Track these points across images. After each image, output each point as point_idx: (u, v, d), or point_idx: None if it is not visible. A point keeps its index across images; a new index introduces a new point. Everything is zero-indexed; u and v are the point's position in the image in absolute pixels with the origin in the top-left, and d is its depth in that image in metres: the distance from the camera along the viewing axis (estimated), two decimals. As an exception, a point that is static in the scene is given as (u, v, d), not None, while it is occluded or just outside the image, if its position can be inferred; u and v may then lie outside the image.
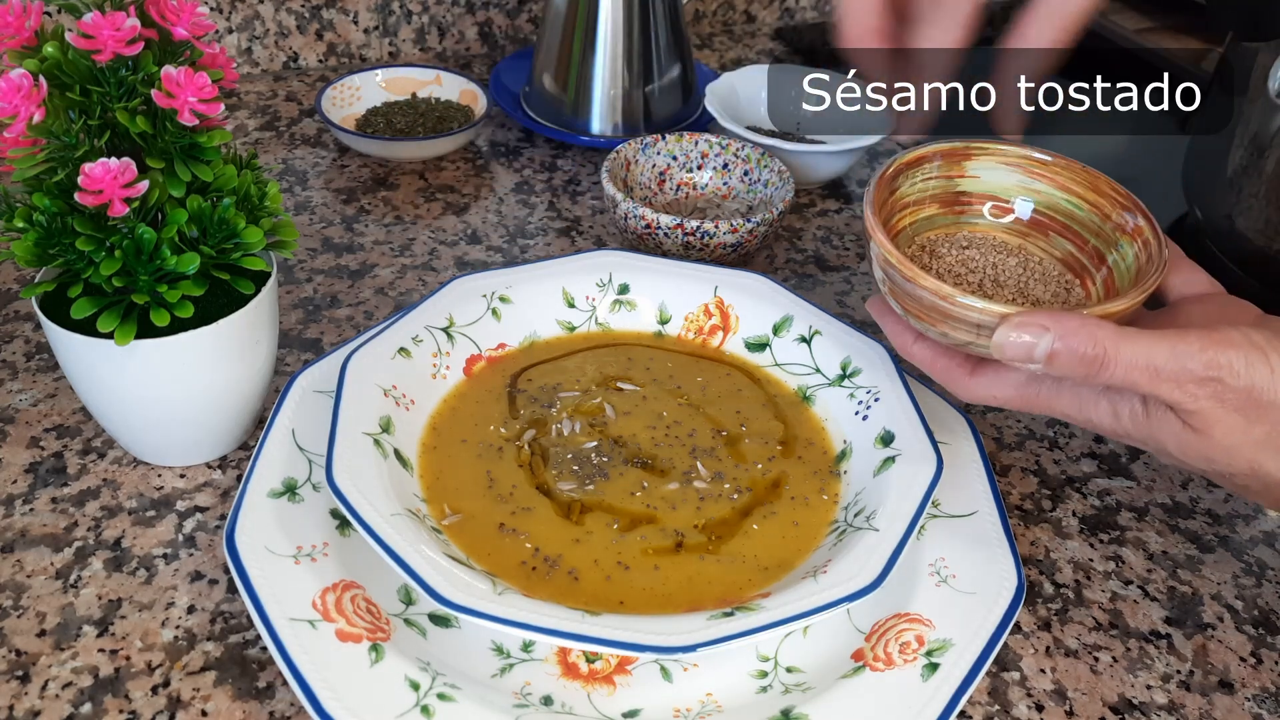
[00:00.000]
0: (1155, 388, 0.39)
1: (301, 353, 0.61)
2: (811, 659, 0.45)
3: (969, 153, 0.52)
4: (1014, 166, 0.52)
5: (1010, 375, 0.44)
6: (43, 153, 0.43)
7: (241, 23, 0.87)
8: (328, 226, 0.72)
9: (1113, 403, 0.42)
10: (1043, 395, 0.44)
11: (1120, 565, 0.52)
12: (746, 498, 0.50)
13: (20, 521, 0.50)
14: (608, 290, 0.59)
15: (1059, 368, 0.40)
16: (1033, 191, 0.52)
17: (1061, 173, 0.51)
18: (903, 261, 0.44)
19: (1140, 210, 0.48)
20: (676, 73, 0.81)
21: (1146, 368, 0.39)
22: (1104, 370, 0.40)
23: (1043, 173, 0.51)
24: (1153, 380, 0.39)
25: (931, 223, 0.52)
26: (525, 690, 0.43)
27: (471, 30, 0.95)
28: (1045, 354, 0.40)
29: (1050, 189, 0.51)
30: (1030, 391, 0.44)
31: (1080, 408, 0.43)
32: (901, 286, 0.44)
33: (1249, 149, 0.66)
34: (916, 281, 0.43)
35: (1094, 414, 0.43)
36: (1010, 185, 0.52)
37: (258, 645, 0.45)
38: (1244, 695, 0.46)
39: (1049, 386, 0.44)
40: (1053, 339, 0.40)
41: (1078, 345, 0.40)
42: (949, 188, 0.52)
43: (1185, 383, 0.39)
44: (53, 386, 0.57)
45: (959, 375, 0.46)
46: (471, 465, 0.50)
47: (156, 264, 0.45)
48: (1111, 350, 0.39)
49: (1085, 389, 0.43)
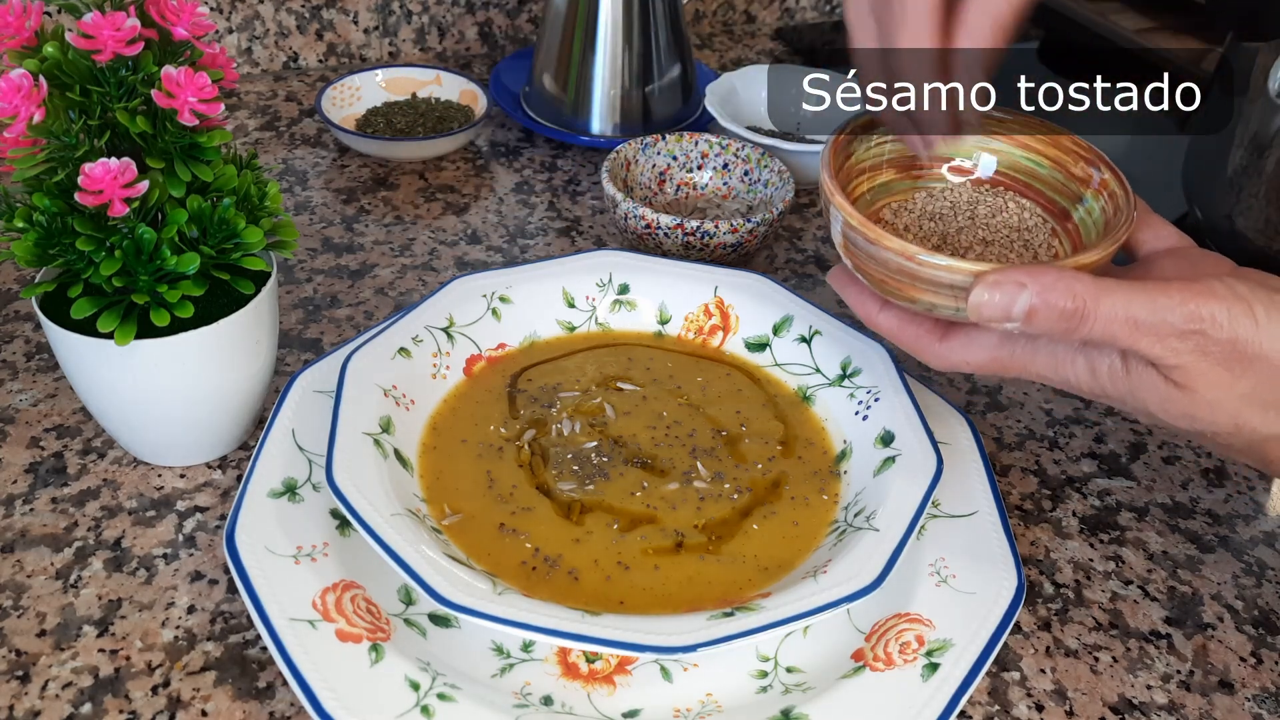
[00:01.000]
0: (1135, 342, 0.38)
1: (301, 353, 0.61)
2: (811, 659, 0.45)
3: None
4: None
5: (983, 338, 0.43)
6: (43, 153, 0.43)
7: (241, 23, 0.87)
8: (328, 226, 0.72)
9: (1090, 360, 0.41)
10: (1017, 357, 0.43)
11: (1120, 565, 0.52)
12: (746, 498, 0.50)
13: (20, 521, 0.50)
14: (608, 290, 0.59)
15: (1037, 325, 0.39)
16: (992, 151, 0.50)
17: (1020, 129, 0.49)
18: (864, 224, 0.42)
19: (1105, 163, 0.47)
20: (676, 73, 0.81)
21: (1126, 320, 0.38)
22: (1083, 325, 0.38)
23: (1000, 130, 0.50)
24: (1133, 334, 0.38)
25: (889, 189, 0.50)
26: (525, 690, 0.43)
27: (471, 30, 0.95)
28: (1024, 311, 0.39)
29: (1009, 147, 0.50)
30: (1004, 354, 0.43)
31: (1056, 368, 0.42)
32: (865, 250, 0.42)
33: (1249, 149, 0.66)
34: (881, 243, 0.41)
35: (1071, 373, 0.42)
36: (968, 146, 0.50)
37: (258, 645, 0.45)
38: (1244, 695, 0.46)
39: (1023, 347, 0.42)
40: (1030, 295, 0.38)
41: (1056, 300, 0.38)
42: (905, 151, 0.50)
43: (1166, 336, 0.38)
44: (53, 386, 0.57)
45: (929, 342, 0.44)
46: (471, 465, 0.50)
47: (156, 264, 0.45)
48: (1091, 304, 0.38)
49: (1061, 347, 0.42)
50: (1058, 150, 0.49)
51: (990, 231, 0.48)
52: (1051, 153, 0.49)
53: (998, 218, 0.48)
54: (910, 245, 0.41)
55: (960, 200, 0.49)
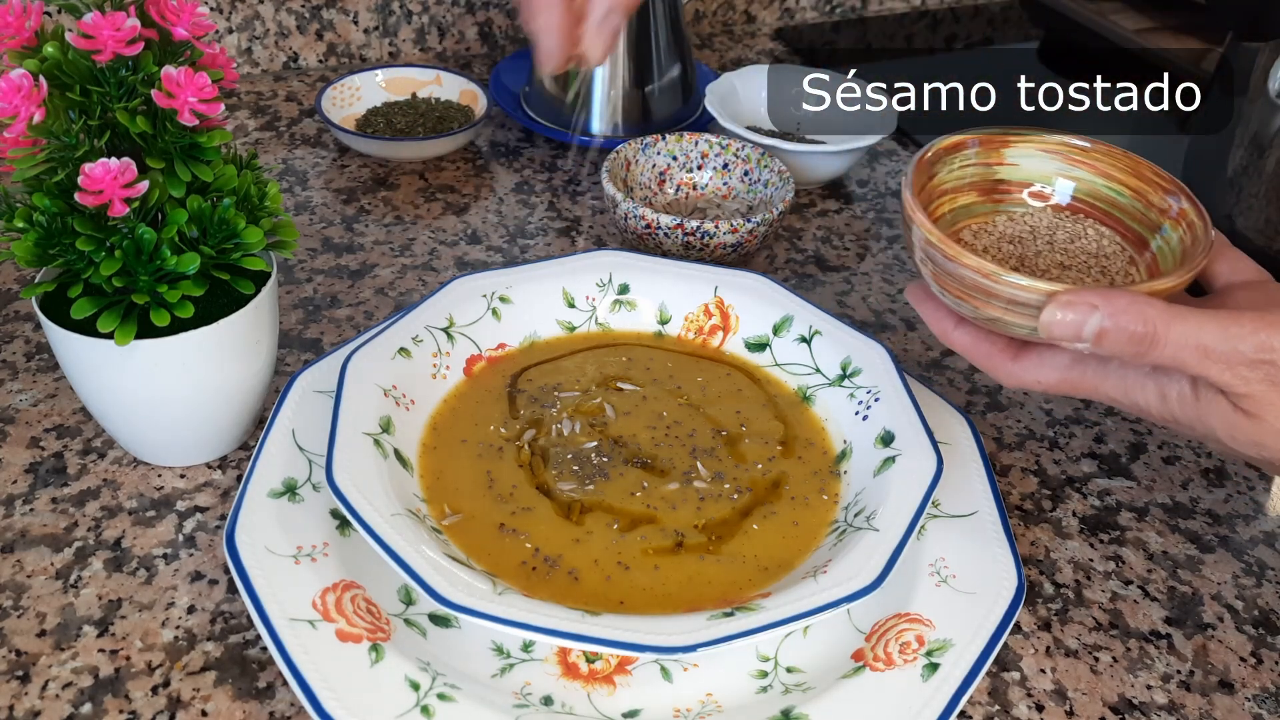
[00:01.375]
0: (1205, 369, 0.39)
1: (301, 353, 0.61)
2: (811, 659, 0.45)
3: (1007, 140, 0.51)
4: (1053, 153, 0.51)
5: (1055, 358, 0.43)
6: (43, 153, 0.43)
7: (241, 23, 0.87)
8: (328, 226, 0.72)
9: (1160, 385, 0.42)
10: (1088, 379, 0.43)
11: (1120, 565, 0.52)
12: (746, 498, 0.50)
13: (20, 521, 0.50)
14: (608, 290, 0.59)
15: (1107, 346, 0.39)
16: (1074, 178, 0.51)
17: (1102, 159, 0.50)
18: (944, 240, 0.43)
19: (1184, 193, 0.47)
20: (676, 73, 0.81)
21: (1196, 347, 0.38)
22: (1153, 349, 0.39)
23: (1083, 159, 0.51)
24: (1202, 360, 0.38)
25: (970, 211, 0.51)
26: (525, 690, 0.43)
27: (471, 30, 0.95)
28: (1094, 332, 0.39)
29: (1091, 176, 0.50)
30: (1075, 375, 0.43)
31: (1126, 391, 0.42)
32: (943, 267, 0.43)
33: (1249, 149, 0.66)
34: (959, 260, 0.42)
35: (1140, 397, 0.42)
36: (1049, 172, 0.51)
37: (258, 645, 0.45)
38: (1244, 695, 0.46)
39: (1094, 370, 0.43)
40: (1101, 317, 0.39)
41: (1127, 323, 0.39)
42: (987, 175, 0.51)
43: (1236, 364, 0.38)
44: (53, 386, 0.57)
45: (1001, 360, 0.45)
46: (471, 465, 0.50)
47: (156, 264, 0.45)
48: (1161, 329, 0.38)
49: (1132, 371, 0.42)
50: (1138, 180, 0.49)
51: (1068, 257, 0.49)
52: (1132, 182, 0.50)
53: (1076, 244, 0.49)
54: (989, 264, 0.42)
55: (1040, 225, 0.50)
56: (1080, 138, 0.51)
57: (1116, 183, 0.50)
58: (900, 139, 0.86)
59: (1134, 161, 0.49)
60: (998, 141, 0.51)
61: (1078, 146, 0.51)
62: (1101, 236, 0.50)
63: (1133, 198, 0.49)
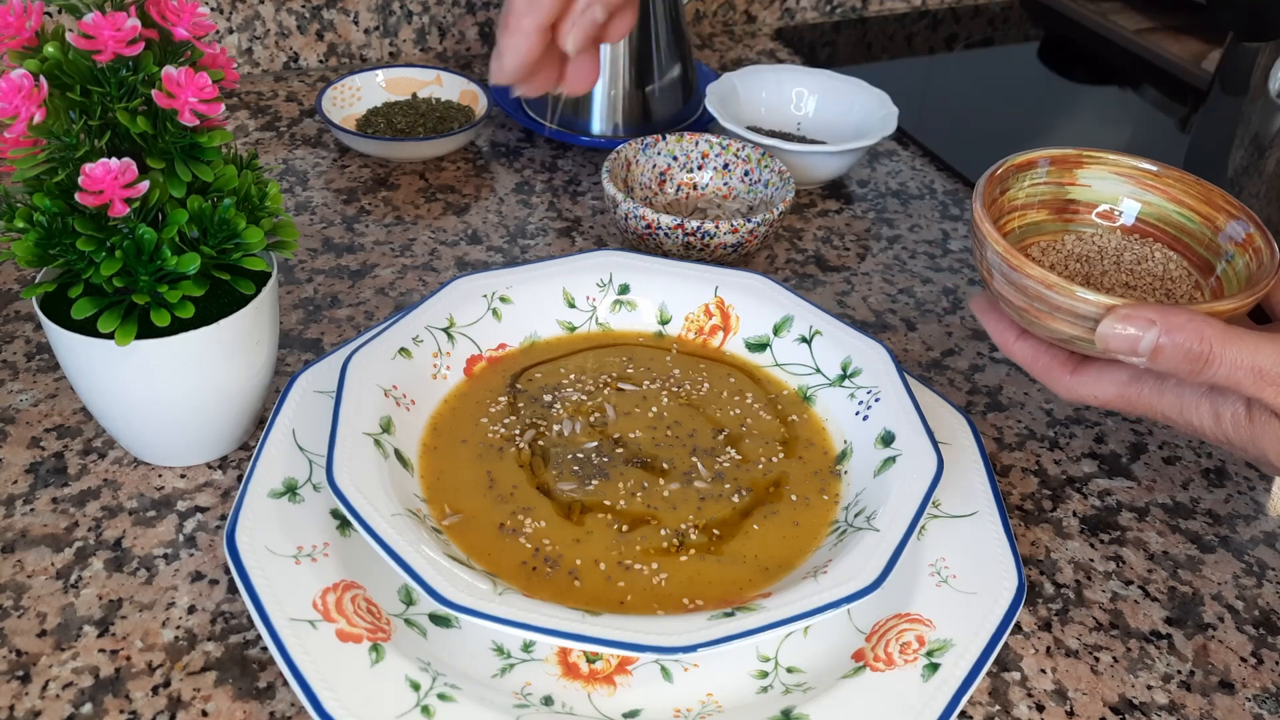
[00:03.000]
0: (1260, 390, 0.39)
1: (302, 353, 0.61)
2: (812, 659, 0.45)
3: (1081, 160, 0.52)
4: (1125, 177, 0.52)
5: (1113, 374, 0.44)
6: (43, 153, 0.43)
7: (242, 23, 0.87)
8: (328, 227, 0.72)
9: (1215, 405, 0.42)
10: (1145, 395, 0.43)
11: (1121, 565, 0.52)
12: (747, 498, 0.50)
13: (21, 521, 0.50)
14: (608, 290, 0.59)
15: (1163, 363, 0.40)
16: (1144, 202, 0.52)
17: (1174, 185, 0.51)
18: (1010, 251, 0.44)
19: (1252, 220, 0.48)
20: (677, 73, 0.81)
21: (1252, 368, 0.38)
22: (1208, 368, 0.39)
23: (1154, 184, 0.51)
24: (1257, 382, 0.39)
25: (1039, 228, 0.52)
26: (525, 690, 0.43)
27: (472, 30, 0.95)
28: (1150, 348, 0.40)
29: (1161, 200, 0.51)
30: (1132, 391, 0.44)
31: (1182, 410, 0.43)
32: (1009, 278, 0.44)
33: (1249, 149, 0.66)
34: (1023, 271, 0.43)
35: (1195, 416, 0.42)
36: (1120, 194, 0.52)
37: (258, 645, 0.45)
38: (1244, 695, 0.46)
39: (1151, 386, 0.43)
40: (1158, 333, 0.39)
41: (1183, 340, 0.39)
42: (1059, 194, 0.52)
43: None
44: (53, 386, 0.57)
45: (1061, 374, 0.45)
46: (472, 465, 0.50)
47: (157, 264, 0.45)
48: (1218, 348, 0.39)
49: (1188, 390, 0.42)
50: (1208, 206, 0.50)
51: (1134, 277, 0.49)
52: (1202, 208, 0.50)
53: (1142, 265, 0.50)
54: (1051, 275, 0.42)
55: (1108, 246, 0.51)
56: (1150, 161, 0.51)
57: (1186, 208, 0.51)
58: (900, 139, 0.86)
59: (1205, 188, 0.50)
60: (1071, 161, 0.52)
61: (1149, 171, 0.51)
62: (1168, 260, 0.50)
63: (1201, 223, 0.50)
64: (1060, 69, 1.04)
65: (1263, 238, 0.47)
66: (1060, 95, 0.99)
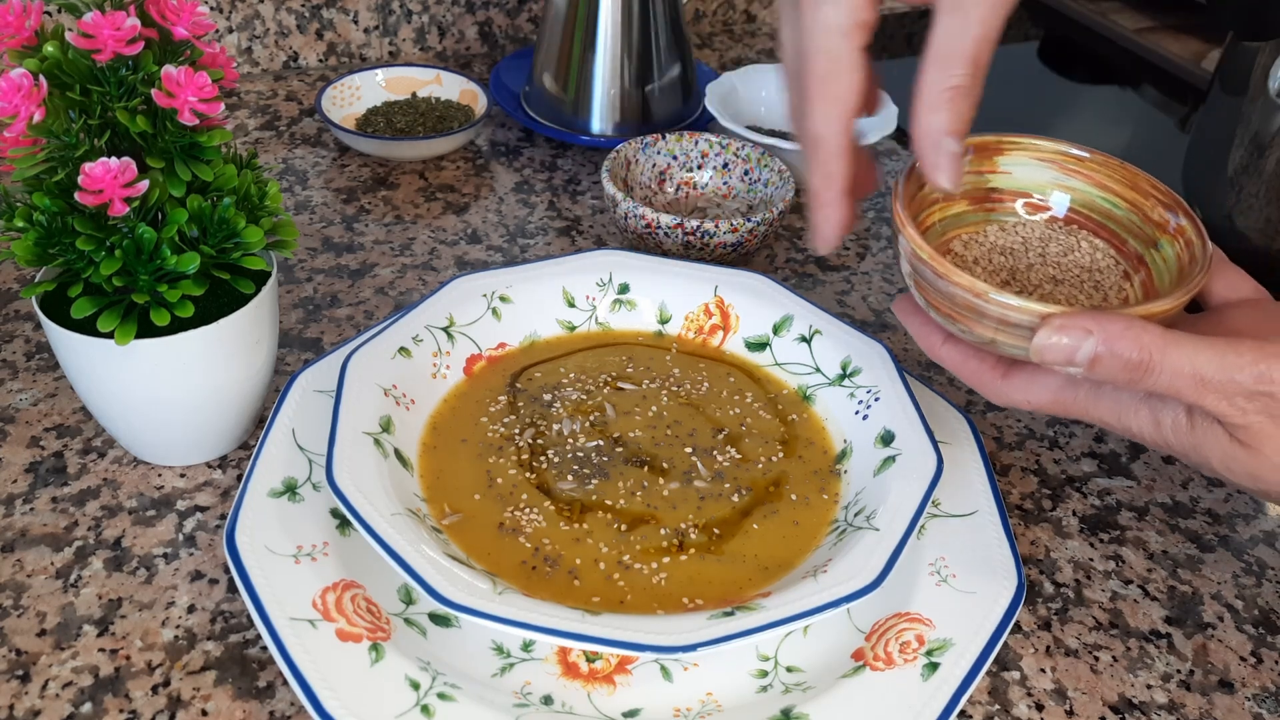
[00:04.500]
0: (1201, 398, 0.38)
1: (301, 352, 0.61)
2: (811, 659, 0.45)
3: (1001, 147, 0.49)
4: (1048, 162, 0.49)
5: (1046, 379, 0.42)
6: (43, 152, 0.43)
7: (241, 22, 0.87)
8: (328, 226, 0.72)
9: (1154, 411, 0.41)
10: (1080, 401, 0.42)
11: (1120, 565, 0.52)
12: (747, 497, 0.50)
13: (20, 521, 0.50)
14: (608, 290, 0.59)
15: (1101, 372, 0.38)
16: (1068, 189, 0.49)
17: (1099, 169, 0.49)
18: (934, 257, 0.42)
19: (1182, 209, 0.46)
20: (676, 72, 0.81)
21: (1193, 376, 0.37)
22: (1148, 376, 0.38)
23: (1078, 169, 0.49)
24: (1198, 390, 0.37)
25: (961, 220, 0.49)
26: (525, 690, 0.43)
27: (471, 30, 0.95)
28: (1088, 358, 0.38)
29: (1087, 186, 0.49)
30: (1067, 397, 0.42)
31: (1120, 416, 0.42)
32: (932, 284, 0.42)
33: (1249, 149, 0.66)
34: (949, 278, 0.41)
35: (1134, 422, 0.41)
36: (1044, 182, 0.50)
37: (258, 645, 0.45)
38: (1244, 695, 0.46)
39: (1087, 393, 0.42)
40: (1095, 342, 0.38)
41: (1122, 350, 0.38)
42: (979, 183, 0.50)
43: (1234, 395, 0.37)
44: (53, 386, 0.57)
45: (991, 378, 0.44)
46: (472, 465, 0.50)
47: (156, 264, 0.45)
48: (1157, 356, 0.37)
49: (1125, 396, 0.41)
50: (1135, 193, 0.48)
51: (1061, 270, 0.47)
52: (1129, 195, 0.48)
53: (1069, 257, 0.48)
54: (979, 283, 0.40)
55: (1032, 236, 0.49)
56: (1078, 146, 0.49)
57: (1113, 194, 0.49)
58: (900, 138, 0.86)
59: (1131, 173, 0.48)
60: (991, 149, 0.49)
61: (1074, 156, 0.49)
62: (1095, 250, 0.48)
63: (1129, 210, 0.48)
64: (1060, 68, 1.04)
65: (1194, 228, 0.45)
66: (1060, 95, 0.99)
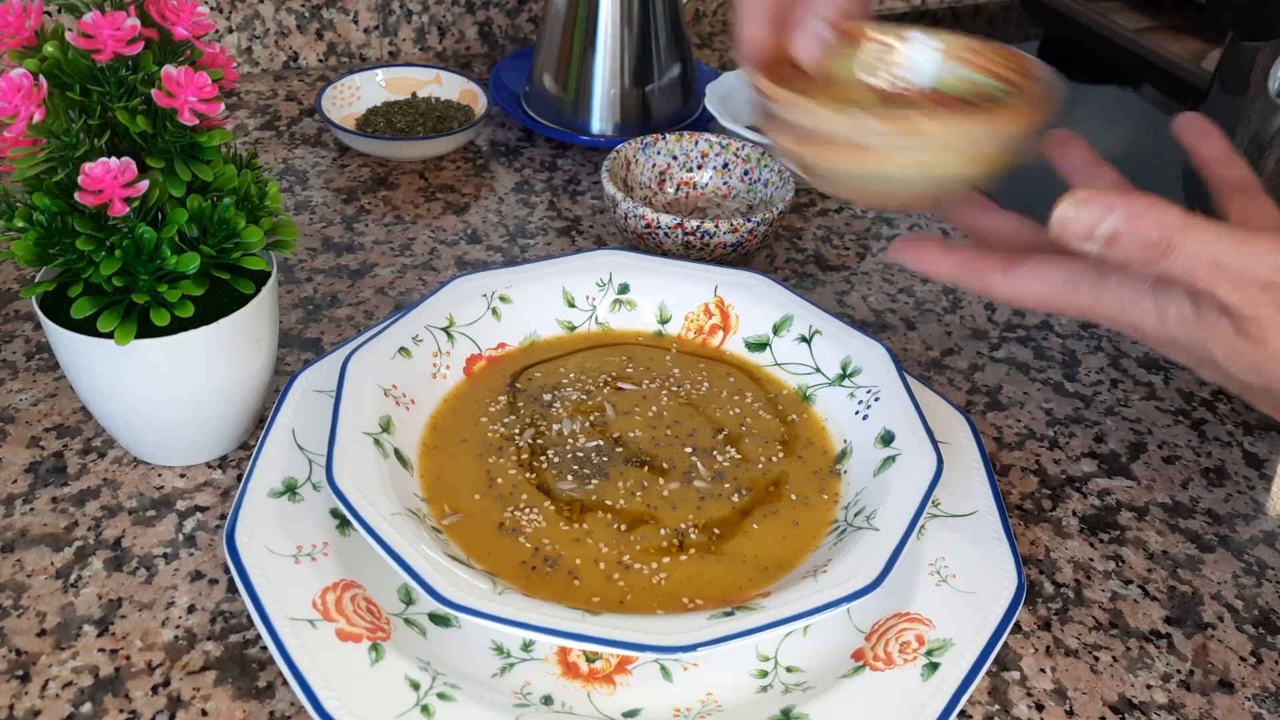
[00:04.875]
0: (1215, 285, 0.37)
1: (301, 352, 0.61)
2: (811, 659, 0.45)
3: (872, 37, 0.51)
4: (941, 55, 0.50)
5: (1049, 273, 0.41)
6: (43, 152, 0.43)
7: (241, 22, 0.87)
8: (328, 226, 0.72)
9: (1159, 303, 0.40)
10: (1082, 294, 0.41)
11: (1120, 565, 0.52)
12: (747, 497, 0.50)
13: (20, 521, 0.50)
14: (608, 290, 0.59)
15: (1119, 250, 0.37)
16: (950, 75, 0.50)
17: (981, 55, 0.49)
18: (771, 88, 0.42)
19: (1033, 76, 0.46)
20: (676, 72, 0.81)
21: (1210, 261, 0.36)
22: (1166, 257, 0.37)
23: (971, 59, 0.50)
24: (1214, 276, 0.37)
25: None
26: (525, 690, 0.43)
27: (471, 30, 0.95)
28: (1108, 233, 0.37)
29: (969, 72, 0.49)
30: (1069, 290, 0.41)
31: (1123, 309, 0.40)
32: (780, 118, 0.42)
33: (1249, 149, 0.66)
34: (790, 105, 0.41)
35: (1137, 315, 0.40)
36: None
37: (258, 645, 0.45)
38: (1244, 695, 0.46)
39: (1090, 284, 0.41)
40: (1118, 218, 0.37)
41: (1143, 228, 0.37)
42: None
43: (1248, 285, 0.36)
44: (53, 386, 0.57)
45: (992, 274, 0.42)
46: (472, 465, 0.50)
47: (156, 264, 0.45)
48: (1178, 238, 0.36)
49: (1129, 288, 0.40)
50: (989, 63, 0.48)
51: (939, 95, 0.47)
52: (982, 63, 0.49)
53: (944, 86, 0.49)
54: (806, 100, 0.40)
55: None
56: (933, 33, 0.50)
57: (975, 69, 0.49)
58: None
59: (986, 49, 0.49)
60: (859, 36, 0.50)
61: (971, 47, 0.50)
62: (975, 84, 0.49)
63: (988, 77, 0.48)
64: (1060, 68, 1.04)
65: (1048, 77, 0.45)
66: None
